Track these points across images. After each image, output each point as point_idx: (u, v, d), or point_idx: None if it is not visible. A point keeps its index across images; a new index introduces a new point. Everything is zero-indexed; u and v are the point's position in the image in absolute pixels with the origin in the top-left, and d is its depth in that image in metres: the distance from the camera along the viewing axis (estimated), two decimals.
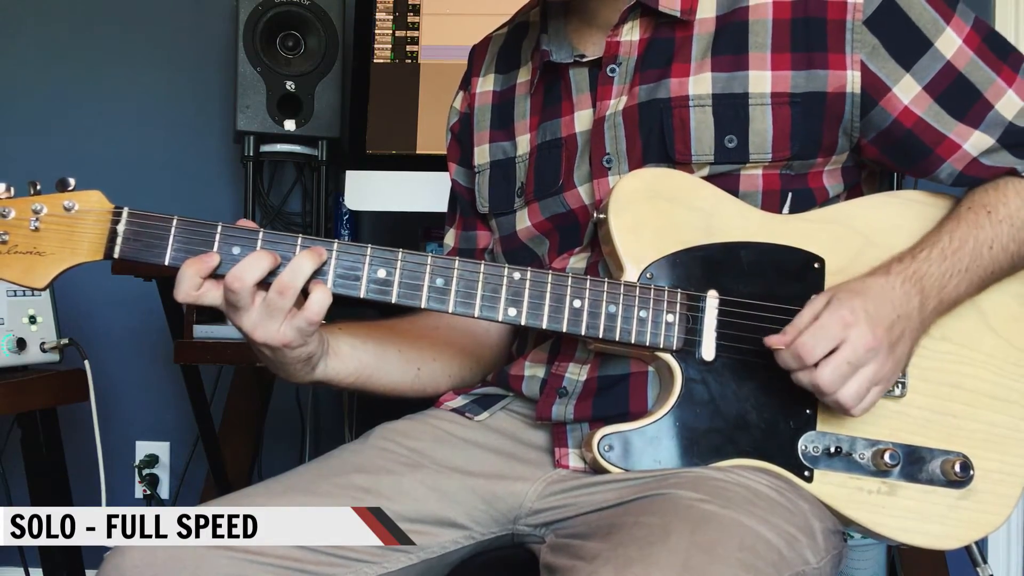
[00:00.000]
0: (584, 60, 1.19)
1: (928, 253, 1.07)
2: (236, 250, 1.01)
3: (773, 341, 1.02)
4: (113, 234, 1.01)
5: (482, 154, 1.31)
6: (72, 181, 1.01)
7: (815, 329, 1.00)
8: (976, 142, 1.10)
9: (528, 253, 1.25)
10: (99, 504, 2.04)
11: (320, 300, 1.01)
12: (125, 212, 1.01)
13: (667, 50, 1.14)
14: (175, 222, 1.01)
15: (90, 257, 1.01)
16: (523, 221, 1.24)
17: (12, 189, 1.01)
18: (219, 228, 1.02)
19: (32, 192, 1.01)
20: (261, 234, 1.02)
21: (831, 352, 0.99)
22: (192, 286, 1.00)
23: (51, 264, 1.00)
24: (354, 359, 1.16)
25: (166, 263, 1.01)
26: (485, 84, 1.33)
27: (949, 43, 1.09)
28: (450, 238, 1.40)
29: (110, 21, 2.48)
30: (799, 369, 1.01)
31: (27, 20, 2.48)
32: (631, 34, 1.16)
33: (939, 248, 1.07)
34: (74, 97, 2.48)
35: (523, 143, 1.26)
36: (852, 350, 0.99)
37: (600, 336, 1.06)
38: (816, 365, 0.99)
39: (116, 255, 1.01)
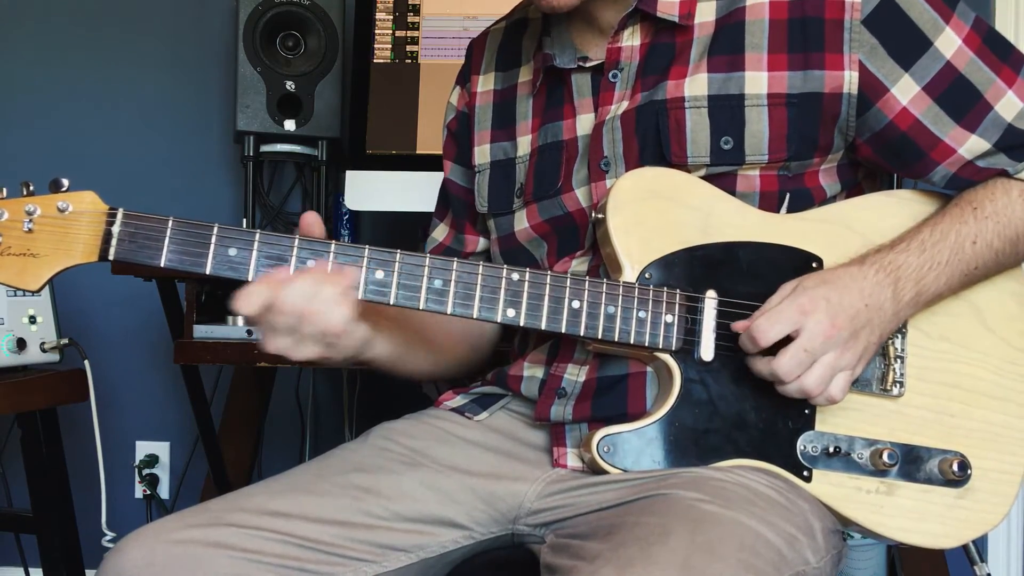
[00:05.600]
0: (587, 65, 1.18)
1: (907, 244, 1.07)
2: (232, 252, 1.01)
3: (738, 325, 1.04)
4: (108, 235, 1.00)
5: (483, 154, 1.30)
6: (66, 182, 1.00)
7: (772, 313, 1.01)
8: (972, 146, 1.10)
9: (526, 255, 1.25)
10: (99, 504, 2.04)
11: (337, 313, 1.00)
12: (120, 213, 1.00)
13: (667, 55, 1.14)
14: (170, 223, 1.01)
15: (85, 259, 1.00)
16: (521, 222, 1.24)
17: (4, 190, 1.00)
18: (215, 229, 1.01)
19: (25, 193, 1.00)
20: (258, 235, 1.02)
21: (789, 340, 1.00)
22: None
23: (45, 266, 0.99)
24: (388, 349, 1.14)
25: (162, 264, 1.00)
26: (486, 83, 1.33)
27: (949, 43, 1.09)
28: (439, 233, 1.40)
29: (110, 21, 2.47)
30: (755, 353, 1.02)
31: (27, 19, 2.48)
32: (632, 39, 1.16)
33: (919, 240, 1.07)
34: (74, 97, 2.47)
35: (524, 144, 1.25)
36: (809, 338, 0.99)
37: (599, 337, 1.06)
38: (776, 354, 1.00)
39: (111, 256, 1.00)
